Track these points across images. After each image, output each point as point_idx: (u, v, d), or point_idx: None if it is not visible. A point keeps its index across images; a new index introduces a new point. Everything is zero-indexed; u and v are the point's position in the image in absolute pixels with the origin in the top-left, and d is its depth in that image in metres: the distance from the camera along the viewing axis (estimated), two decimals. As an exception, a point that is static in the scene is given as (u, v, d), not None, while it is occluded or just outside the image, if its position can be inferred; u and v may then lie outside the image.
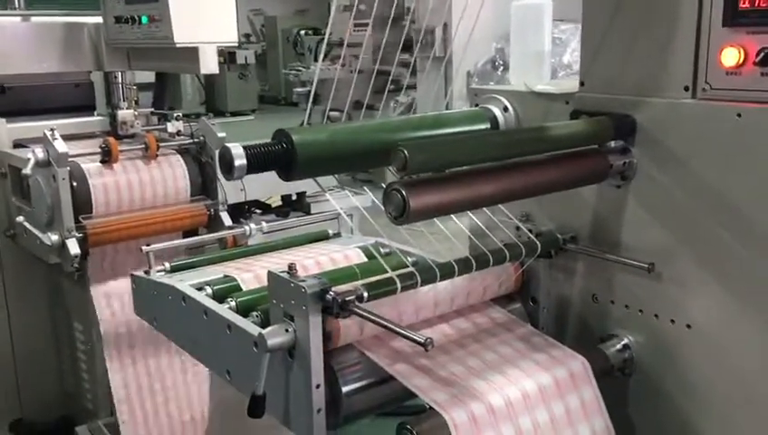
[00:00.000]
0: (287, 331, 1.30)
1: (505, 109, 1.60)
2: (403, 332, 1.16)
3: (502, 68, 7.92)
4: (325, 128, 1.41)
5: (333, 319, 1.29)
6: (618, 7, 1.41)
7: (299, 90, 11.60)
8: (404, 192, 1.11)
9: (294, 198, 3.22)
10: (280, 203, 3.26)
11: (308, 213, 3.25)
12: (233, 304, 1.58)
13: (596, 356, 1.45)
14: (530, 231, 1.54)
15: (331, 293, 1.25)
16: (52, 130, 2.40)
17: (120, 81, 3.16)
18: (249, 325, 1.43)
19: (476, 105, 1.67)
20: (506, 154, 1.22)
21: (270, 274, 1.35)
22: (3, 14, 3.19)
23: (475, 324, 1.50)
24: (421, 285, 1.32)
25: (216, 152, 2.74)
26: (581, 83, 1.49)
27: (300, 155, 1.32)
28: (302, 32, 15.48)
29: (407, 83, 11.88)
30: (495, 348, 1.45)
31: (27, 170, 2.38)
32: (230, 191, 2.85)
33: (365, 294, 1.24)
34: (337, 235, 2.15)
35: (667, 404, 1.43)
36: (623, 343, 1.48)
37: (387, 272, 1.72)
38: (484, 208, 1.44)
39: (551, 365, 1.39)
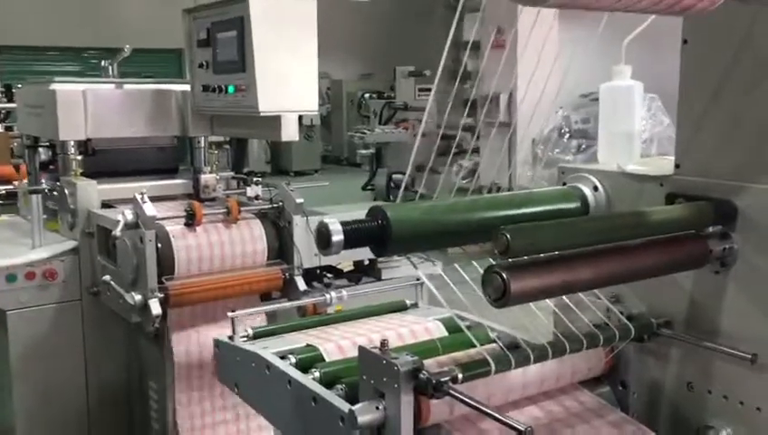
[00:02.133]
0: (377, 408, 1.29)
1: (595, 188, 1.60)
2: (501, 418, 1.14)
3: (568, 135, 7.92)
4: (418, 205, 1.42)
5: (424, 398, 1.28)
6: (717, 89, 1.41)
7: (363, 151, 11.81)
8: (505, 275, 1.11)
9: (367, 263, 3.24)
10: (352, 268, 3.29)
11: (379, 278, 3.26)
12: (317, 374, 1.59)
13: (694, 448, 1.39)
14: (621, 313, 1.51)
15: (424, 372, 1.24)
16: (142, 193, 2.50)
17: (202, 145, 3.29)
18: (336, 399, 1.43)
19: (564, 183, 1.66)
20: (605, 239, 1.22)
21: (361, 349, 1.35)
22: (99, 81, 3.36)
23: (564, 408, 1.47)
24: (515, 368, 1.30)
25: (296, 218, 2.80)
26: (677, 165, 1.48)
27: (395, 232, 1.34)
28: (367, 95, 15.82)
29: (471, 147, 11.99)
30: (587, 433, 1.42)
31: (117, 232, 2.47)
32: (305, 255, 2.89)
33: (460, 376, 1.23)
34: (414, 305, 2.15)
35: (770, 503, 1.36)
36: (722, 435, 1.42)
37: (469, 347, 1.73)
38: (575, 288, 1.42)
39: (645, 455, 1.35)
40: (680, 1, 1.15)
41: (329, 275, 3.20)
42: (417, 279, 2.20)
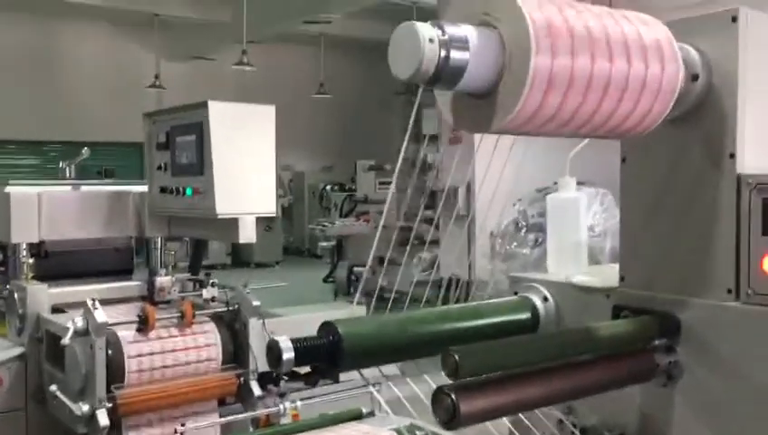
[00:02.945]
0: None
1: (545, 299, 1.62)
2: None
3: (525, 229, 8.08)
4: (370, 320, 1.43)
5: None
6: (655, 206, 1.47)
7: (324, 244, 11.83)
8: (454, 396, 1.11)
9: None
10: (309, 370, 3.23)
11: (337, 381, 3.21)
12: (269, 492, 1.54)
13: None
14: (574, 425, 1.51)
15: (375, 496, 1.22)
16: (93, 299, 2.45)
17: (159, 246, 3.26)
18: None
19: (515, 293, 1.69)
20: (554, 356, 1.23)
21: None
22: (54, 183, 3.35)
23: None
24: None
25: (251, 320, 2.77)
26: (622, 278, 1.52)
27: (347, 348, 1.33)
28: (329, 187, 16.00)
29: (429, 239, 12.04)
30: None
31: (66, 341, 2.41)
32: (260, 358, 2.84)
33: (414, 500, 1.21)
34: (371, 413, 2.12)
35: None
36: None
37: (423, 459, 1.70)
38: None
39: None
40: (618, 127, 1.21)
41: (285, 377, 3.14)
42: (373, 385, 2.18)
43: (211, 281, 3.09)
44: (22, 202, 3.04)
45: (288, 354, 1.30)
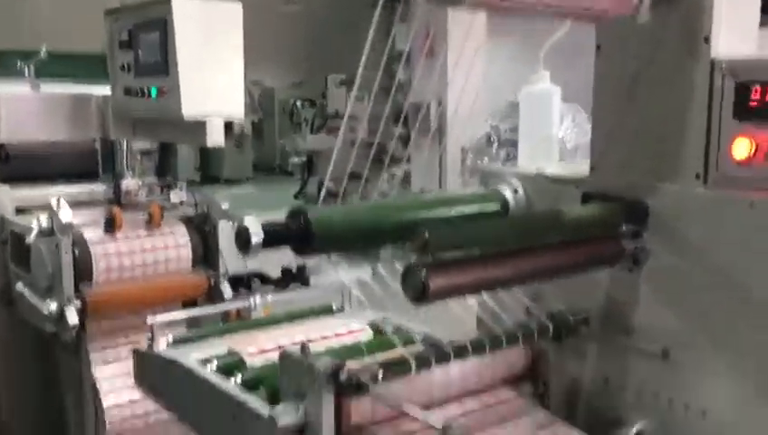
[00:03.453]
0: (297, 410, 1.27)
1: (515, 191, 1.62)
2: (421, 416, 1.14)
3: (497, 144, 8.06)
4: (340, 207, 1.42)
5: (346, 399, 1.27)
6: (629, 95, 1.45)
7: (294, 159, 11.75)
8: (423, 273, 1.11)
9: (295, 270, 3.21)
10: (279, 275, 3.25)
11: (307, 285, 3.24)
12: (239, 379, 1.56)
13: (610, 443, 1.43)
14: (539, 311, 1.53)
15: (344, 372, 1.23)
16: (58, 198, 2.41)
17: (124, 149, 3.20)
18: (257, 403, 1.40)
19: (486, 185, 1.69)
20: (522, 238, 1.24)
21: (282, 352, 1.34)
22: (14, 82, 3.23)
23: (486, 406, 1.48)
24: (435, 365, 1.30)
25: (221, 223, 2.75)
26: (592, 168, 1.52)
27: (316, 232, 1.33)
28: (299, 103, 15.75)
29: (402, 156, 12.06)
30: (510, 432, 1.43)
31: (30, 239, 2.37)
32: (230, 261, 2.84)
33: (380, 375, 1.23)
34: (340, 309, 2.14)
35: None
36: (636, 429, 1.46)
37: (395, 349, 1.73)
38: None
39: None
40: (593, 6, 1.18)
41: (256, 281, 3.16)
42: (346, 285, 2.20)
43: (179, 184, 3.05)
44: (-21, 102, 2.94)
45: (257, 238, 1.29)
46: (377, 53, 1.70)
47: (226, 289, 2.78)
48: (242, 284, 3.04)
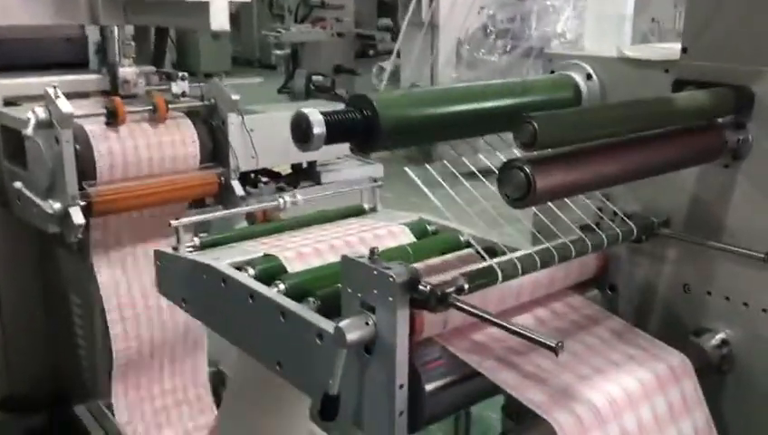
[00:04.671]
0: (367, 324, 1.14)
1: (589, 77, 1.45)
2: (528, 334, 1.01)
3: (494, 36, 7.75)
4: (407, 94, 1.24)
5: (418, 311, 1.14)
6: (733, -36, 1.26)
7: (278, 52, 11.28)
8: (528, 170, 0.95)
9: (305, 166, 3.04)
10: (290, 171, 3.08)
11: (318, 183, 3.08)
12: (282, 287, 1.42)
13: (691, 351, 1.32)
14: (614, 213, 1.39)
15: (423, 284, 1.09)
16: (54, 87, 2.18)
17: (116, 35, 2.93)
18: (313, 315, 1.27)
19: (552, 71, 1.51)
20: (626, 129, 1.07)
21: (345, 258, 1.19)
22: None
23: (557, 315, 1.36)
24: (522, 274, 1.17)
25: (230, 116, 2.55)
26: (684, 49, 1.34)
27: (383, 124, 1.15)
28: (279, -8, 15.04)
29: (390, 48, 11.63)
30: (584, 341, 1.32)
31: (28, 131, 2.16)
32: (241, 157, 2.66)
33: (465, 286, 1.09)
34: (373, 209, 1.99)
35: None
36: (720, 337, 1.36)
37: (441, 252, 1.60)
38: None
39: (648, 360, 1.27)
40: None
41: (265, 179, 2.99)
42: (375, 180, 2.04)
43: (180, 74, 2.81)
44: (-47, -21, 2.63)
45: (319, 129, 1.11)
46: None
47: (238, 187, 2.61)
48: (249, 182, 2.87)
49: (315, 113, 1.11)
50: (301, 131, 1.12)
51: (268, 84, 11.16)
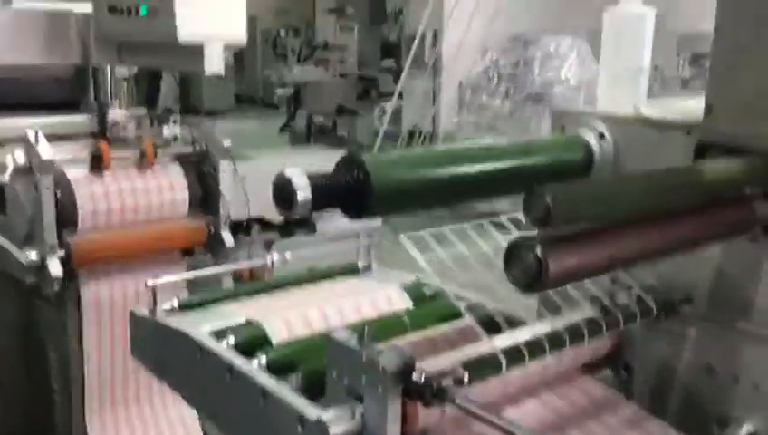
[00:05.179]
0: (353, 416, 1.01)
1: (602, 136, 1.33)
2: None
3: (497, 80, 7.71)
4: (402, 155, 1.12)
5: (413, 402, 1.01)
6: (760, 17, 1.15)
7: (280, 91, 11.29)
8: (540, 253, 0.83)
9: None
10: (282, 219, 2.95)
11: (313, 231, 2.95)
12: (263, 361, 1.29)
13: (717, 445, 1.18)
14: (629, 287, 1.26)
15: (418, 374, 0.96)
16: (35, 131, 2.08)
17: (108, 76, 2.84)
18: (295, 398, 1.13)
19: (562, 129, 1.40)
20: (652, 203, 0.95)
21: (331, 340, 1.06)
22: (-20, -4, 2.84)
23: (565, 399, 1.23)
24: (528, 362, 1.04)
25: (222, 163, 2.44)
26: (708, 109, 1.22)
27: (376, 188, 1.03)
28: (283, 32, 15.17)
29: (393, 90, 11.64)
30: (594, 431, 1.18)
31: (5, 179, 2.05)
32: (232, 205, 2.54)
33: (465, 378, 0.96)
34: (367, 268, 1.86)
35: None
36: (748, 429, 1.22)
37: (439, 320, 1.47)
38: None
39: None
40: None
41: (257, 227, 2.87)
42: (370, 237, 1.92)
43: (172, 118, 2.72)
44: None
45: (304, 194, 0.99)
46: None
47: (228, 237, 2.49)
48: (241, 229, 2.75)
49: (300, 176, 1.00)
50: (283, 196, 1.00)
51: (270, 123, 11.14)
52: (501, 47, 7.69)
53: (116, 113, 2.62)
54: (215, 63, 2.52)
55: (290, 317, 1.45)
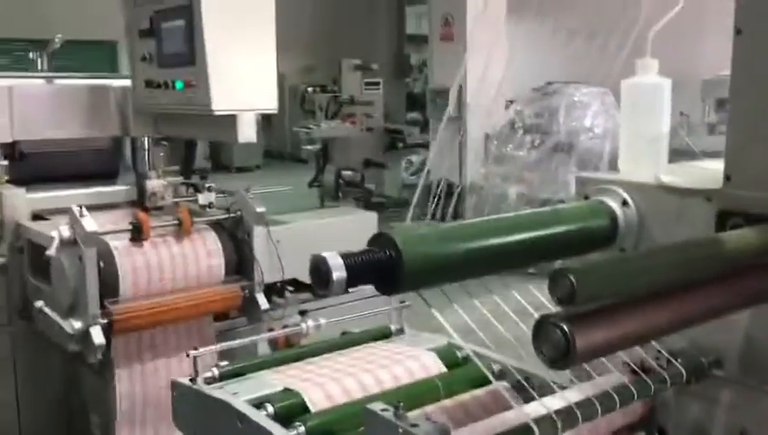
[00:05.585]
0: (394, 488, 1.04)
1: (625, 203, 1.37)
2: None
3: (521, 131, 7.79)
4: (431, 231, 1.17)
5: (450, 473, 1.04)
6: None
7: (309, 147, 11.47)
8: (567, 328, 0.87)
9: (331, 276, 2.96)
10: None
11: (345, 292, 2.99)
12: (301, 430, 1.33)
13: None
14: (658, 351, 1.29)
15: (453, 444, 0.99)
16: (80, 206, 2.17)
17: (146, 147, 2.96)
18: (338, 472, 1.17)
19: (586, 196, 1.44)
20: (676, 276, 0.99)
21: (368, 411, 1.10)
22: (26, 76, 2.99)
23: (603, 467, 1.24)
24: (562, 432, 1.06)
25: (256, 228, 2.51)
26: (727, 177, 1.26)
27: (407, 264, 1.08)
28: (310, 89, 15.48)
29: (419, 141, 11.74)
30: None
31: (51, 251, 2.14)
32: (266, 270, 2.60)
33: (500, 450, 0.99)
34: (400, 331, 1.90)
35: None
36: (785, 493, 1.22)
37: (472, 386, 1.50)
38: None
39: None
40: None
41: (290, 288, 2.92)
42: (402, 302, 1.96)
43: (207, 185, 2.81)
44: (-10, 97, 2.70)
45: (339, 273, 1.04)
46: (391, 36, 1.45)
47: (262, 301, 2.54)
48: (274, 291, 2.80)
49: (335, 257, 1.05)
50: (320, 276, 1.05)
51: (299, 178, 11.31)
52: (525, 98, 7.79)
53: (153, 183, 2.71)
54: (247, 132, 2.62)
55: (327, 386, 1.50)
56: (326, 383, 1.49)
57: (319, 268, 1.05)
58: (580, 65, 8.27)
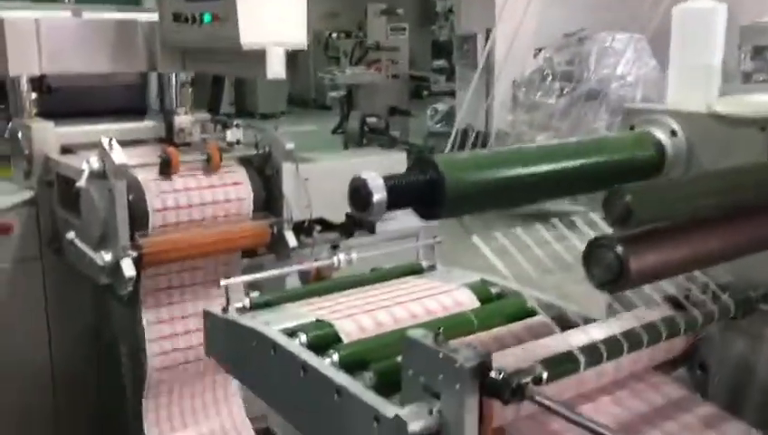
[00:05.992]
0: (431, 413, 1.02)
1: (673, 133, 1.32)
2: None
3: (550, 78, 7.63)
4: (474, 155, 1.13)
5: (490, 399, 1.02)
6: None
7: (333, 93, 11.38)
8: (620, 251, 0.83)
9: (360, 215, 2.94)
10: (342, 220, 2.99)
11: (372, 232, 2.98)
12: (335, 358, 1.31)
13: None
14: (705, 284, 1.25)
15: (496, 371, 0.97)
16: (110, 138, 2.15)
17: (174, 83, 2.92)
18: (370, 396, 1.15)
19: (632, 127, 1.39)
20: (735, 200, 0.94)
21: (406, 339, 1.08)
22: (52, 8, 2.95)
23: (644, 402, 1.22)
24: (606, 361, 1.04)
25: (285, 165, 2.48)
26: (784, 105, 1.20)
27: (449, 189, 1.05)
28: (334, 35, 15.29)
29: (445, 90, 11.59)
30: (670, 430, 1.17)
31: (81, 183, 2.13)
32: (295, 207, 2.59)
33: (544, 376, 0.96)
34: (432, 267, 1.88)
35: None
36: (830, 430, 1.19)
37: (507, 320, 1.48)
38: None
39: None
40: None
41: (318, 227, 2.91)
42: (434, 237, 1.93)
43: (235, 122, 2.78)
44: (17, 29, 2.66)
45: (379, 195, 1.01)
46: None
47: (291, 238, 2.53)
48: (302, 230, 2.79)
49: (375, 178, 1.02)
50: (360, 198, 1.02)
51: (323, 125, 11.25)
52: (555, 44, 7.61)
53: (181, 119, 2.69)
54: (276, 68, 2.56)
55: (360, 317, 1.48)
56: (358, 315, 1.48)
57: (359, 190, 1.02)
58: (613, 11, 8.04)
